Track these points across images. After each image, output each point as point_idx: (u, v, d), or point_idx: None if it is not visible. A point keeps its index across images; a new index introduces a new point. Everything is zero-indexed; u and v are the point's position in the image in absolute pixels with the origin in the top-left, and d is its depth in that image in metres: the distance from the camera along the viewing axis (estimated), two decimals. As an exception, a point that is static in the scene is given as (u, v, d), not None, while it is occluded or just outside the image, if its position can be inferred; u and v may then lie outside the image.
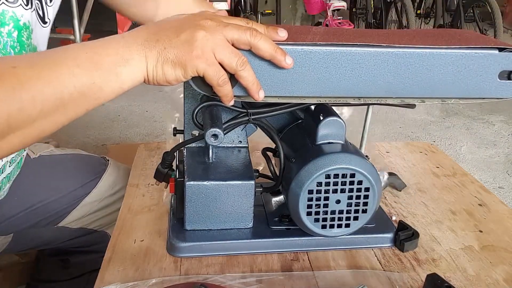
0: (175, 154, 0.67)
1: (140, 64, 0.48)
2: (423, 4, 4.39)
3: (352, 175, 0.58)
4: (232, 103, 0.53)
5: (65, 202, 0.81)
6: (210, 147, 0.64)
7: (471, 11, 3.78)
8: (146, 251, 0.62)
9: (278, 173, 0.65)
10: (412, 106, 0.62)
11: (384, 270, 0.61)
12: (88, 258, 0.90)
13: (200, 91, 0.53)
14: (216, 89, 0.51)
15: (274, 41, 0.51)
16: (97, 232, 0.87)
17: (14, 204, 0.76)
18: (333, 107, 0.64)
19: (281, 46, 0.51)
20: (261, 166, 0.82)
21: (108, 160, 0.90)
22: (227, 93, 0.52)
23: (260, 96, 0.52)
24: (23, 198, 0.77)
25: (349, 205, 0.60)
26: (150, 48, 0.48)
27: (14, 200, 0.76)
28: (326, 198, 0.59)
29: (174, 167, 0.67)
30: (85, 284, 0.91)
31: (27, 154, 0.81)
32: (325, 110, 0.62)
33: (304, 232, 0.63)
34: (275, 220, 0.66)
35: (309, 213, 0.60)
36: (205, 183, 0.60)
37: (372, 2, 4.16)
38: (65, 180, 0.82)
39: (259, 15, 4.11)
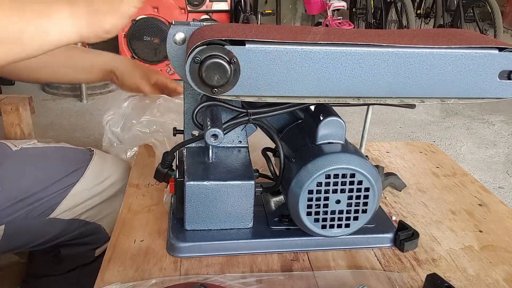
0: (175, 154, 0.67)
1: (67, 20, 0.51)
2: (423, 4, 4.39)
3: (352, 175, 0.58)
4: None
5: (53, 191, 0.81)
6: (210, 147, 0.64)
7: (471, 11, 3.77)
8: (146, 251, 0.62)
9: (278, 173, 0.65)
10: (412, 106, 0.62)
11: (384, 270, 0.61)
12: (79, 251, 0.90)
13: (199, 91, 0.53)
14: None
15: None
16: (90, 224, 0.87)
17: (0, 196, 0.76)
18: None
19: (281, 47, 0.51)
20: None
21: (93, 151, 0.90)
22: None
23: None
24: (8, 189, 0.77)
25: (349, 205, 0.60)
26: (75, 4, 0.51)
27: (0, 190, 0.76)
28: (326, 198, 0.59)
29: (174, 167, 0.67)
30: (79, 277, 0.91)
31: (8, 146, 0.81)
32: (325, 110, 0.62)
33: (304, 232, 0.63)
34: (275, 220, 0.66)
35: (309, 213, 0.60)
36: (205, 183, 0.60)
37: (372, 2, 4.15)
38: (49, 169, 0.83)
39: (259, 15, 4.11)
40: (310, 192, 0.58)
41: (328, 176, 0.58)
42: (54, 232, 0.84)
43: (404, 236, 0.64)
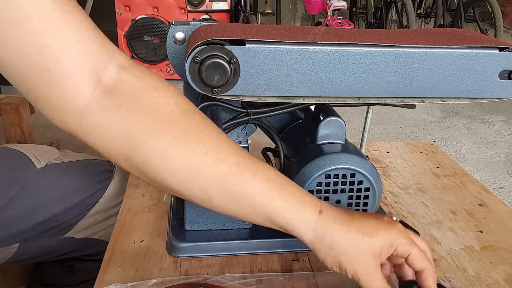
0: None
1: (307, 228, 0.47)
2: (423, 4, 4.39)
3: (352, 175, 0.58)
4: None
5: (73, 213, 0.79)
6: (210, 147, 0.64)
7: (471, 11, 3.77)
8: (146, 251, 0.62)
9: (278, 173, 0.64)
10: (412, 106, 0.62)
11: (384, 270, 0.60)
12: (94, 266, 0.89)
13: (199, 91, 0.53)
14: None
15: None
16: (103, 242, 0.86)
17: (22, 217, 0.75)
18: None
19: (281, 46, 0.51)
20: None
21: (115, 168, 0.89)
22: None
23: None
24: (30, 211, 0.75)
25: (349, 205, 0.60)
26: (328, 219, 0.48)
27: (23, 213, 0.74)
28: (326, 198, 0.59)
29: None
30: None
31: (32, 163, 0.79)
32: (325, 110, 0.62)
33: (304, 232, 0.62)
34: (275, 220, 0.66)
35: (309, 213, 0.59)
36: (205, 183, 0.60)
37: (372, 2, 4.15)
38: (72, 191, 0.81)
39: (259, 15, 4.11)
40: (310, 192, 0.58)
41: (328, 176, 0.58)
42: (66, 249, 0.83)
43: (404, 236, 0.64)
